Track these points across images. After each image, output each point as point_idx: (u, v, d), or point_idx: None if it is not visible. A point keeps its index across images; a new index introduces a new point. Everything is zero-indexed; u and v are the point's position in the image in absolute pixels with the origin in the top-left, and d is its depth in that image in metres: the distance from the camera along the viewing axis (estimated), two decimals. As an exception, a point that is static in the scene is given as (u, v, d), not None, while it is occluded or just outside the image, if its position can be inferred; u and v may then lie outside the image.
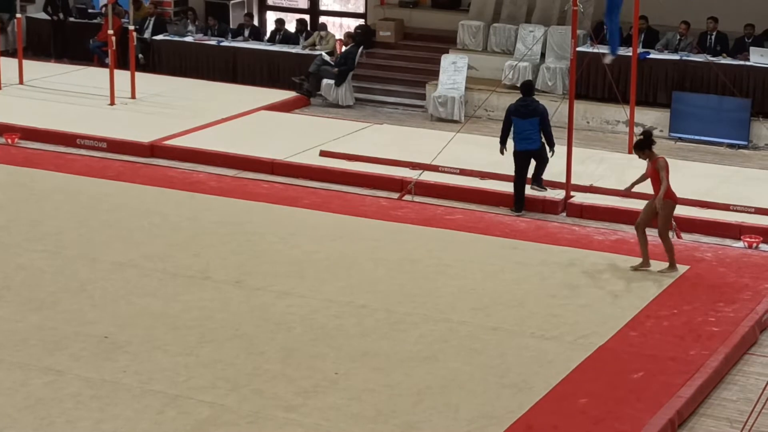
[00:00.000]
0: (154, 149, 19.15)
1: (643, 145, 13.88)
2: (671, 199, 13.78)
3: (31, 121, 20.04)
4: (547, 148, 16.73)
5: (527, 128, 16.60)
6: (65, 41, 25.26)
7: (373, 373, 11.43)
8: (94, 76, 22.90)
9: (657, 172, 13.73)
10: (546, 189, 16.64)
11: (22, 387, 10.98)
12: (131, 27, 21.89)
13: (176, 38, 24.40)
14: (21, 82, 22.42)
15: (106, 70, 21.60)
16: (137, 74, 21.90)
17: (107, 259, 14.13)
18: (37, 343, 11.90)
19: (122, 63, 22.33)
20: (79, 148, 19.31)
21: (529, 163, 16.70)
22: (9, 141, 19.36)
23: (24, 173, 17.55)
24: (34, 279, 13.51)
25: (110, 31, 21.39)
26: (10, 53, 23.76)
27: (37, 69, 23.32)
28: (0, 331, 12.14)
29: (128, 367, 11.39)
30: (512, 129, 16.74)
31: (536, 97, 17.26)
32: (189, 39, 24.27)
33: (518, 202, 16.67)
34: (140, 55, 23.59)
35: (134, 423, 10.42)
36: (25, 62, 22.68)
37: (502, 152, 16.91)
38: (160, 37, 24.50)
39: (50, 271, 13.76)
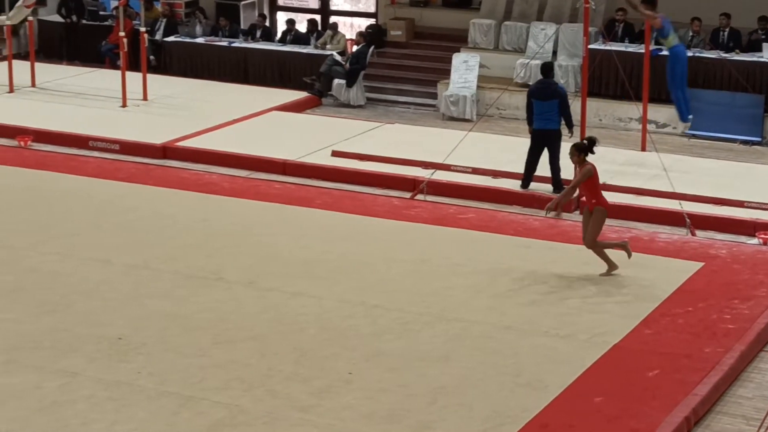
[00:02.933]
0: (166, 151, 19.16)
1: (582, 150, 13.65)
2: (603, 206, 13.60)
3: (43, 124, 20.07)
4: (566, 129, 16.92)
5: (546, 110, 16.94)
6: (77, 44, 25.28)
7: (386, 373, 11.40)
8: (105, 78, 22.93)
9: (587, 180, 13.51)
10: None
11: (36, 389, 10.97)
12: (142, 29, 21.92)
13: (187, 39, 24.42)
14: (33, 84, 22.47)
15: (118, 72, 21.62)
16: (149, 76, 21.91)
17: (120, 261, 14.13)
18: (50, 345, 11.90)
19: (134, 65, 22.34)
20: (92, 150, 19.33)
21: (544, 143, 16.93)
22: (22, 144, 19.38)
23: (37, 176, 17.57)
24: (47, 281, 13.51)
25: (122, 33, 21.42)
26: (22, 56, 23.80)
27: (49, 71, 23.36)
28: (14, 333, 12.14)
29: (143, 369, 11.39)
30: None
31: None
32: (200, 40, 24.28)
33: (526, 179, 17.06)
34: (152, 57, 23.61)
35: (149, 424, 10.41)
36: (37, 65, 22.72)
37: (530, 132, 17.22)
38: (171, 38, 24.52)
39: (63, 274, 13.76)
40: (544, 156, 17.01)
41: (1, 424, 10.36)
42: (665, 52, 18.42)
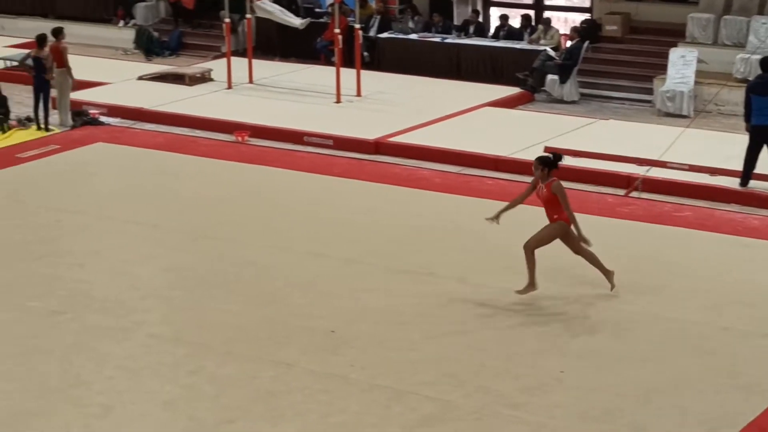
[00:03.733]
0: (378, 146, 19.32)
1: (547, 164, 12.99)
2: (564, 221, 12.92)
3: (260, 119, 20.48)
4: None
5: (766, 105, 16.46)
6: (292, 40, 25.71)
7: (599, 372, 11.26)
8: (320, 75, 23.26)
9: (554, 196, 12.87)
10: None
11: (253, 379, 11.21)
12: (357, 25, 22.16)
13: (401, 36, 24.60)
14: (250, 81, 22.96)
15: (333, 69, 21.90)
16: (363, 72, 22.14)
17: (334, 255, 14.31)
18: (266, 337, 12.13)
19: (348, 61, 22.59)
20: (306, 145, 19.62)
21: (764, 140, 16.54)
22: (239, 139, 19.82)
23: (253, 170, 17.94)
24: (264, 274, 13.78)
25: (336, 30, 21.70)
26: (240, 53, 24.34)
27: (265, 68, 23.83)
28: (231, 325, 12.42)
29: (355, 362, 11.50)
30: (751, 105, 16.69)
31: None
32: (413, 36, 24.42)
33: (745, 177, 16.64)
34: (366, 53, 23.84)
35: (361, 417, 10.52)
36: (254, 62, 23.20)
37: (747, 129, 16.84)
38: (385, 35, 24.73)
39: (279, 267, 14.01)
40: (764, 153, 16.55)
41: (220, 412, 10.62)
42: None
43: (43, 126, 20.35)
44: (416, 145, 19.11)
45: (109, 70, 24.32)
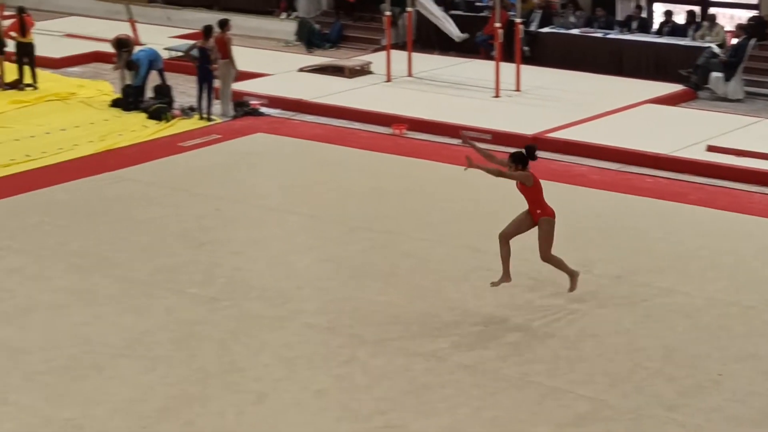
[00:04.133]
0: (536, 141, 19.14)
1: (518, 160, 12.49)
2: (548, 215, 12.45)
3: (417, 113, 20.50)
4: None
5: None
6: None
7: (758, 376, 11.02)
8: (479, 69, 23.20)
9: (525, 189, 12.43)
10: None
11: (405, 372, 11.24)
12: (518, 20, 22.04)
13: (562, 30, 24.40)
14: (409, 74, 23.02)
15: (492, 63, 21.83)
16: (522, 66, 22.01)
17: (490, 249, 14.22)
18: (420, 329, 12.15)
19: (508, 55, 22.48)
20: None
21: None
22: (397, 132, 19.89)
23: (411, 163, 18.00)
24: (420, 267, 13.80)
25: (497, 24, 21.61)
26: (399, 46, 24.41)
27: (424, 61, 23.85)
28: (386, 315, 12.48)
29: (508, 357, 11.45)
30: None
31: None
32: (575, 31, 24.21)
33: None
34: (526, 48, 23.69)
35: (513, 412, 10.47)
36: (413, 55, 23.25)
37: None
38: (546, 29, 24.56)
39: (434, 260, 14.03)
40: None
41: (372, 403, 10.68)
42: None
43: (205, 116, 20.71)
44: (575, 140, 18.92)
45: (270, 61, 24.64)
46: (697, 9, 24.55)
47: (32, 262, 14.12)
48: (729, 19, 24.55)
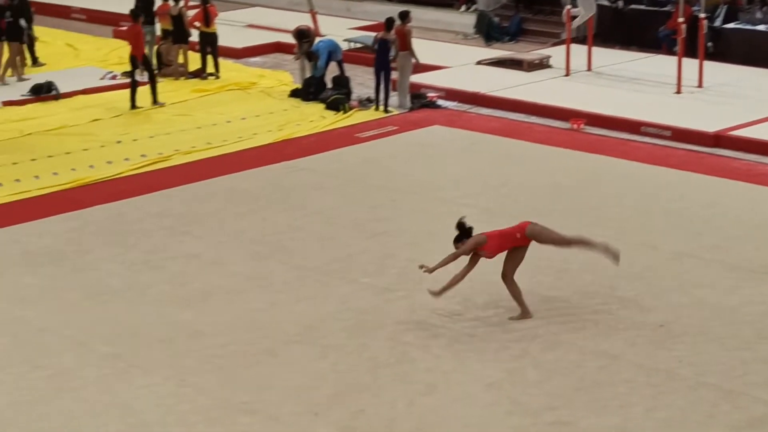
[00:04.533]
0: (718, 139, 18.79)
1: (460, 239, 12.03)
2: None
3: (596, 108, 20.28)
4: None
5: None
6: (633, 29, 25.35)
7: None
8: (661, 64, 22.82)
9: (490, 246, 12.00)
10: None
11: (577, 368, 11.14)
12: (702, 15, 21.61)
13: (747, 26, 23.84)
14: (589, 68, 22.79)
15: (674, 58, 21.45)
16: (706, 63, 21.58)
17: (667, 248, 14.04)
18: (592, 327, 12.01)
19: (691, 51, 22.07)
20: (643, 135, 19.30)
21: None
22: (575, 126, 19.70)
23: (588, 159, 17.81)
24: (591, 264, 13.52)
25: (680, 19, 21.24)
26: (579, 40, 24.17)
27: (604, 56, 23.57)
28: (557, 311, 12.37)
29: (683, 358, 11.25)
30: None
31: None
32: (761, 28, 23.62)
33: None
34: (710, 44, 23.23)
35: (686, 414, 10.28)
36: (593, 49, 23.00)
37: None
38: (730, 25, 24.03)
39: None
40: None
41: (543, 398, 10.62)
42: None
43: (382, 107, 20.85)
44: (758, 139, 18.47)
45: (448, 54, 24.66)
46: None
47: (211, 248, 14.42)
48: None
